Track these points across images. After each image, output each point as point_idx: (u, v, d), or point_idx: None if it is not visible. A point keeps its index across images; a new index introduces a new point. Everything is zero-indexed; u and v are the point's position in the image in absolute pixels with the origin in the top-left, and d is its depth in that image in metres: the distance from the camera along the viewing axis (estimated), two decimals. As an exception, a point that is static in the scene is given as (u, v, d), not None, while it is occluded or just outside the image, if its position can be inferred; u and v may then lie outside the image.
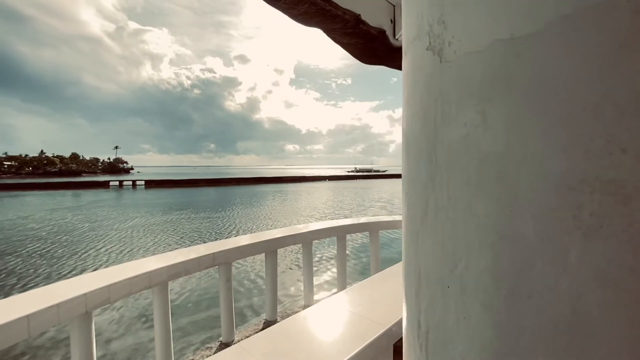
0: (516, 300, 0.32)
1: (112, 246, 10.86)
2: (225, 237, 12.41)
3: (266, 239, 2.83)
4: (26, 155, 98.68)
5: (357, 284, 2.40)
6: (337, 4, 1.38)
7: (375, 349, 1.63)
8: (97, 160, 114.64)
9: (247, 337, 2.68)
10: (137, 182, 46.65)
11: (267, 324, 2.87)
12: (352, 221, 3.61)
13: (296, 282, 6.82)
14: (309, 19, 1.38)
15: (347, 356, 1.48)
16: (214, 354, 2.44)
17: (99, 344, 4.02)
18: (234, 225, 15.08)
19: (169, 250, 11.08)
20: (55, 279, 7.68)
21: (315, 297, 3.34)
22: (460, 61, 0.37)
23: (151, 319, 4.88)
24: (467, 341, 0.36)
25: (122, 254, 9.95)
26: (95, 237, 12.30)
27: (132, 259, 9.28)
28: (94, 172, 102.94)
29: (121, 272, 1.98)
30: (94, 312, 1.77)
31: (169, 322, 2.22)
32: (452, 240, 0.38)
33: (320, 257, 8.27)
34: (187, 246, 10.88)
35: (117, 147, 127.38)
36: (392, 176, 74.35)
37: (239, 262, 7.16)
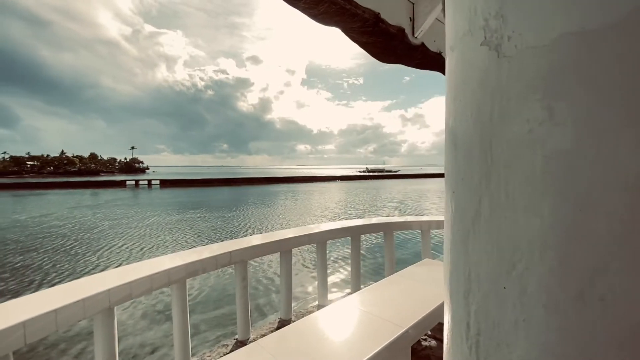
0: (586, 303, 0.31)
1: (131, 244, 11.15)
2: (239, 236, 12.58)
3: (281, 238, 2.84)
4: (48, 155, 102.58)
5: (373, 284, 2.38)
6: (357, 3, 1.37)
7: (393, 351, 1.62)
8: (114, 160, 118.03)
9: (262, 335, 2.70)
10: (153, 182, 47.72)
11: (282, 323, 2.89)
12: (366, 221, 3.59)
13: (307, 282, 6.84)
14: (328, 19, 1.38)
15: (365, 357, 1.47)
16: (231, 351, 2.47)
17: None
18: (248, 224, 15.24)
19: (186, 247, 11.33)
20: (79, 274, 7.94)
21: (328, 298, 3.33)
22: (522, 56, 0.36)
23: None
24: (527, 344, 0.35)
25: (142, 251, 10.21)
26: (115, 235, 12.66)
27: (150, 256, 9.51)
28: (112, 172, 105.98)
29: (142, 269, 2.02)
30: (115, 307, 1.82)
31: (187, 319, 2.26)
32: (510, 240, 0.37)
33: (328, 258, 8.27)
34: (203, 244, 11.11)
35: (133, 148, 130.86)
36: (405, 176, 73.50)
37: (251, 262, 7.23)
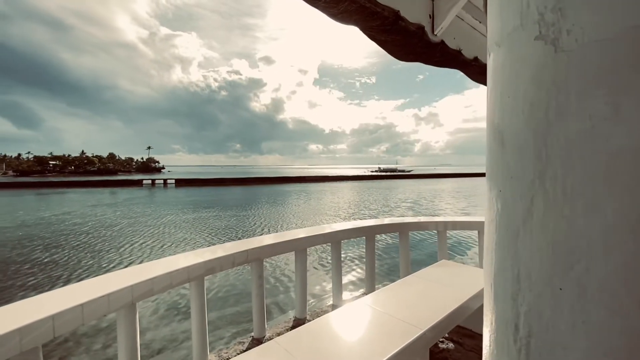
0: None
1: (150, 241, 11.44)
2: (253, 235, 12.74)
3: (296, 237, 2.85)
4: (69, 155, 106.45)
5: (389, 285, 2.36)
6: (377, 1, 1.36)
7: (410, 353, 1.60)
8: (131, 159, 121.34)
9: (277, 333, 2.72)
10: (168, 181, 48.80)
11: (297, 322, 2.90)
12: (381, 221, 3.56)
13: (319, 281, 6.84)
14: (347, 17, 1.38)
15: (383, 358, 1.46)
16: (247, 348, 2.50)
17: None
18: (262, 223, 15.38)
19: (202, 245, 11.52)
20: (102, 270, 8.21)
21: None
22: (582, 50, 0.35)
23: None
24: (586, 347, 0.34)
25: (161, 249, 10.46)
26: (133, 233, 13.02)
27: (168, 253, 9.74)
28: (129, 171, 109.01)
29: (162, 266, 2.07)
30: (137, 303, 1.87)
31: (205, 316, 2.29)
32: (567, 239, 0.35)
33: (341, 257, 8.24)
34: (217, 242, 11.26)
35: (149, 148, 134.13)
36: (418, 176, 72.49)
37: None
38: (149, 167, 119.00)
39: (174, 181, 48.55)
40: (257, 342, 2.56)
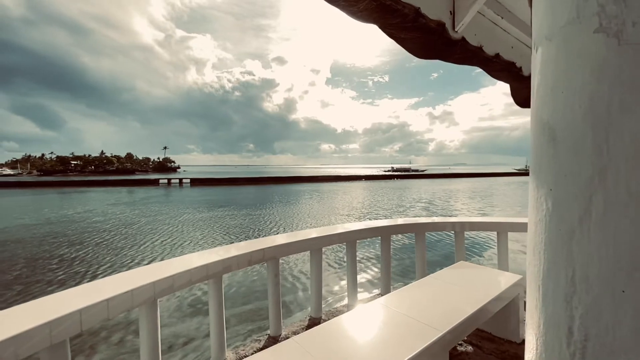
0: None
1: (168, 239, 11.71)
2: (267, 234, 12.86)
3: (312, 236, 2.85)
4: (89, 155, 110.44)
5: (406, 286, 2.33)
6: (397, -2, 1.34)
7: (430, 355, 1.57)
8: (148, 159, 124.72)
9: (293, 332, 2.74)
10: (184, 181, 49.85)
11: (312, 321, 2.90)
12: (397, 221, 3.52)
13: (333, 281, 6.83)
14: (367, 16, 1.37)
15: (403, 359, 1.44)
16: (264, 346, 2.52)
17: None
18: (276, 222, 15.50)
19: (218, 243, 11.69)
20: (123, 268, 8.46)
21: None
22: None
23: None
24: None
25: (181, 247, 10.69)
26: (151, 230, 13.37)
27: (185, 251, 9.95)
28: (146, 171, 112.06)
29: (182, 263, 2.12)
30: (158, 299, 1.92)
31: (223, 312, 2.33)
32: (631, 240, 0.34)
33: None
34: (233, 240, 11.40)
35: (165, 148, 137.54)
36: (432, 176, 71.30)
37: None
38: (165, 166, 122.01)
39: (189, 181, 49.56)
40: (273, 340, 2.58)
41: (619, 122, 0.34)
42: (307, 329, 2.70)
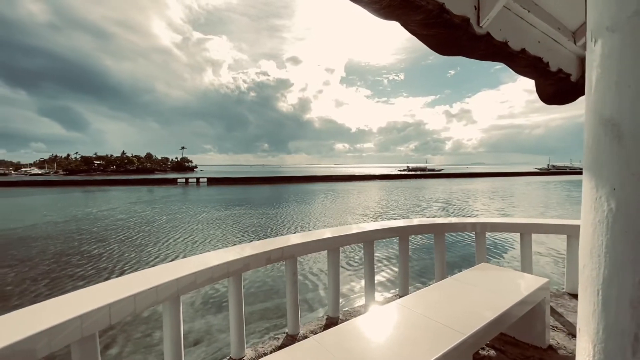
0: None
1: (188, 237, 12.02)
2: (283, 233, 12.99)
3: (330, 236, 2.84)
4: (111, 155, 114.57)
5: (427, 287, 2.28)
6: (421, -6, 1.32)
7: (453, 358, 1.54)
8: (166, 159, 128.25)
9: (311, 331, 2.74)
10: (201, 180, 50.98)
11: (330, 320, 2.89)
12: (416, 221, 3.46)
13: (347, 281, 6.81)
14: (390, 13, 1.35)
15: None
16: (282, 344, 2.54)
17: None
18: (292, 221, 15.61)
19: (235, 242, 11.81)
20: (144, 264, 8.74)
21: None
22: None
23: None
24: None
25: (202, 244, 10.95)
26: (172, 228, 13.76)
27: (204, 248, 10.16)
28: (165, 170, 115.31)
29: (203, 260, 2.15)
30: (182, 296, 1.96)
31: (242, 310, 2.36)
32: None
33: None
34: (250, 239, 11.53)
35: (183, 148, 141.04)
36: (449, 175, 69.80)
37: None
38: (183, 166, 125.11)
39: (206, 180, 50.66)
40: (291, 338, 2.59)
41: None
42: (325, 329, 2.70)
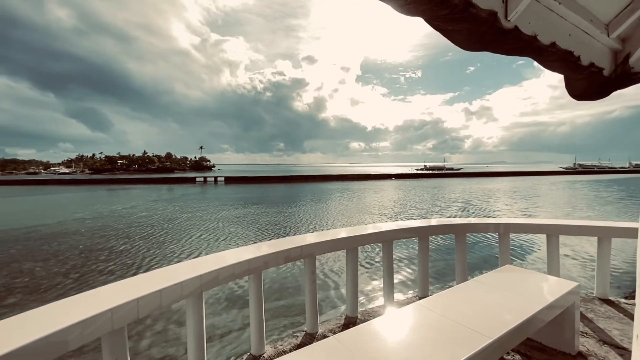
0: None
1: (208, 235, 12.31)
2: (300, 231, 13.07)
3: (348, 235, 2.83)
4: (133, 154, 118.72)
5: (448, 289, 2.23)
6: (446, -11, 1.28)
7: None
8: (185, 158, 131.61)
9: (330, 330, 2.74)
10: (218, 179, 52.04)
11: (348, 320, 2.88)
12: (436, 221, 3.39)
13: (363, 281, 6.76)
14: (415, 9, 1.32)
15: None
16: (301, 342, 2.55)
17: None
18: (309, 220, 15.70)
19: (253, 239, 11.96)
20: (167, 260, 9.00)
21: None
22: None
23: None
24: None
25: (224, 241, 11.20)
26: (192, 226, 14.14)
27: (223, 246, 10.37)
28: (184, 169, 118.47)
29: (225, 258, 2.19)
30: (204, 292, 2.00)
31: (262, 307, 2.39)
32: None
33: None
34: (267, 237, 11.68)
35: (201, 147, 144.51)
36: (469, 175, 67.86)
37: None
38: (201, 165, 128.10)
39: (223, 179, 51.66)
40: (310, 336, 2.60)
41: None
42: (343, 328, 2.69)
